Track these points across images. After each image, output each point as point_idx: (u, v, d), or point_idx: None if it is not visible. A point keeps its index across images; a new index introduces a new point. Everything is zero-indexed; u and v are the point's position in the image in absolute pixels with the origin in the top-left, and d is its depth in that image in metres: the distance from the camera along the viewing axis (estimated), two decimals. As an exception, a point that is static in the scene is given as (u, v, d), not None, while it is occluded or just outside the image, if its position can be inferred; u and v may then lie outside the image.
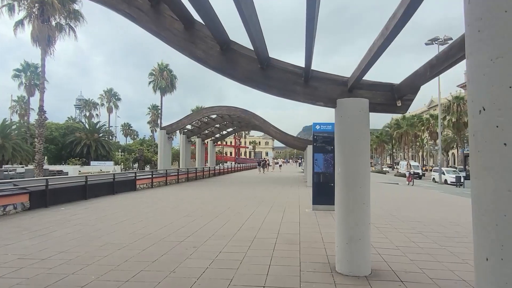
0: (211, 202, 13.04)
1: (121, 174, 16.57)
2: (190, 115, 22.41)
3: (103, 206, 11.64)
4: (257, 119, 22.11)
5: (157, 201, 13.34)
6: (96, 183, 14.13)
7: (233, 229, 7.96)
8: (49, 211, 10.38)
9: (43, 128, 26.34)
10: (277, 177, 32.58)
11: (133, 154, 73.60)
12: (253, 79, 5.25)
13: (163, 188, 19.50)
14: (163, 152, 22.13)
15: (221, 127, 30.52)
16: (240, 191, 17.55)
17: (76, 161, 54.89)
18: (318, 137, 11.10)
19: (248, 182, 24.83)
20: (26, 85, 49.67)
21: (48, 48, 26.52)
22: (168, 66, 47.70)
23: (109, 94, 69.53)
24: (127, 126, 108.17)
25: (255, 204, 12.37)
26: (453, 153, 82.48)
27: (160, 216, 9.67)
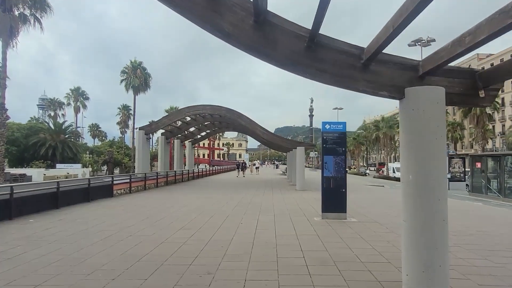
0: (203, 210, 11.69)
1: (97, 179, 14.84)
2: (170, 115, 20.81)
3: (80, 217, 10.01)
4: (243, 119, 20.90)
5: (141, 209, 11.81)
6: (69, 190, 12.40)
7: (245, 245, 6.72)
8: (15, 225, 8.68)
9: (5, 128, 23.80)
10: (259, 180, 31.45)
11: (102, 156, 70.11)
12: (297, 62, 4.08)
13: (142, 193, 17.83)
14: (142, 154, 20.40)
15: (201, 128, 29.02)
16: (231, 196, 16.24)
17: (41, 163, 51.24)
18: (328, 137, 10.06)
19: (232, 186, 23.53)
20: (-16, 81, 45.62)
21: (10, 40, 24.05)
22: (142, 64, 45.47)
23: (76, 93, 65.72)
24: (95, 127, 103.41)
25: (254, 212, 11.15)
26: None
27: (151, 230, 8.24)
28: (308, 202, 14.45)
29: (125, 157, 78.33)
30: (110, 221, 9.39)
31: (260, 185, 24.80)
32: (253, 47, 4.04)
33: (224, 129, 33.07)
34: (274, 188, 22.67)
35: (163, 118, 20.90)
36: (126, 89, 44.83)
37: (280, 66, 4.22)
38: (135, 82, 44.11)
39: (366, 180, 36.77)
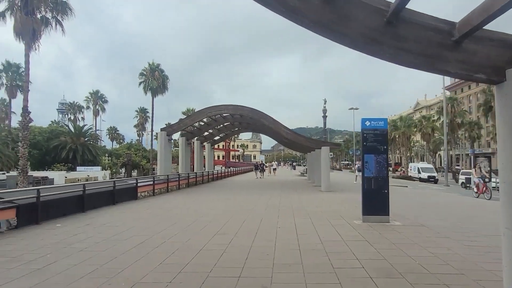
0: (233, 213, 11.13)
1: (121, 181, 14.46)
2: (192, 115, 20.38)
3: (107, 221, 9.58)
4: (266, 119, 20.29)
5: (168, 213, 11.34)
6: (94, 193, 12.04)
7: (292, 253, 6.10)
8: (42, 230, 8.29)
9: (27, 131, 23.89)
10: (279, 181, 30.79)
11: (121, 158, 70.72)
12: (375, 40, 3.46)
13: (166, 195, 17.43)
14: (164, 155, 20.03)
15: (221, 129, 28.58)
16: (257, 198, 15.65)
17: (62, 166, 51.92)
18: (368, 135, 9.35)
19: (254, 188, 22.94)
20: (7, 86, 46.53)
21: (32, 43, 24.15)
22: (159, 66, 45.46)
23: (95, 96, 66.49)
24: (113, 130, 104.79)
25: (288, 215, 10.52)
26: (439, 155, 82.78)
27: (184, 235, 7.71)
28: (340, 204, 13.75)
29: (143, 160, 79.08)
30: (139, 225, 8.91)
31: (283, 187, 24.14)
32: (322, 24, 3.43)
33: (243, 130, 32.57)
34: (298, 189, 21.98)
35: (185, 118, 20.47)
36: (144, 91, 44.91)
37: (353, 45, 3.60)
38: (153, 84, 44.10)
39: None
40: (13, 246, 6.70)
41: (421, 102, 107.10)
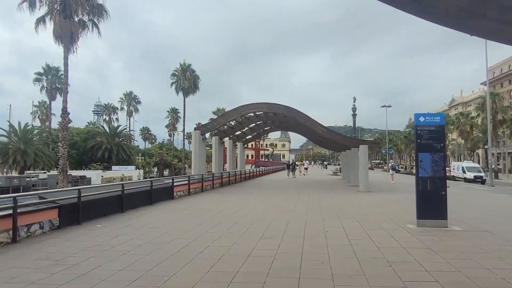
0: (273, 214, 10.66)
1: (158, 181, 14.37)
2: (226, 114, 20.09)
3: (147, 222, 9.38)
4: (301, 116, 19.66)
5: (207, 214, 11.02)
6: (133, 193, 11.94)
7: (349, 262, 5.54)
8: (83, 231, 8.18)
9: (67, 131, 24.59)
10: (312, 181, 30.04)
11: (154, 158, 72.21)
12: (474, 13, 2.84)
13: (201, 195, 17.25)
14: (198, 155, 19.88)
15: (253, 128, 28.20)
16: (295, 199, 15.10)
17: (98, 166, 53.56)
18: (423, 131, 8.57)
19: (289, 187, 22.39)
20: (47, 88, 48.56)
21: (71, 46, 24.81)
22: (191, 66, 45.80)
23: (129, 97, 68.26)
24: (146, 130, 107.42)
25: (332, 218, 9.91)
26: (477, 153, 78.63)
27: (228, 239, 7.32)
28: (384, 206, 12.97)
29: (174, 159, 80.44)
30: (180, 227, 8.62)
31: (318, 186, 23.44)
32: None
33: (275, 128, 32.05)
34: (334, 189, 21.22)
35: (219, 117, 20.22)
36: (176, 91, 45.44)
37: (444, 21, 3.01)
38: (184, 84, 44.52)
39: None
40: (56, 248, 6.56)
41: (457, 98, 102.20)
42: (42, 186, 33.43)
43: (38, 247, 6.66)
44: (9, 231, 6.99)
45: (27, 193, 7.92)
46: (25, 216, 7.41)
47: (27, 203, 7.63)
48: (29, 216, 7.57)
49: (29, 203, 7.69)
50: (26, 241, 7.14)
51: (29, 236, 7.46)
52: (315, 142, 36.38)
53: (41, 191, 7.94)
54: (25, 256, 6.04)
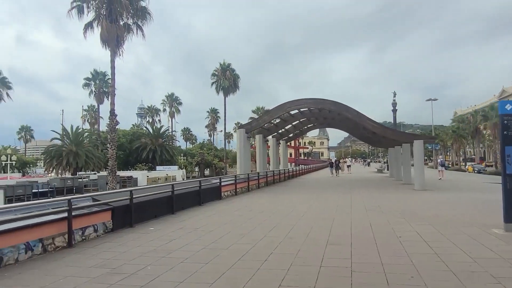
0: (332, 216, 9.84)
1: (206, 181, 14.05)
2: (271, 111, 19.47)
3: (199, 225, 8.95)
4: (350, 112, 18.56)
5: (260, 216, 10.43)
6: (182, 193, 11.63)
7: (445, 276, 4.65)
8: (137, 234, 7.88)
9: (115, 132, 25.22)
10: (358, 179, 28.64)
11: (196, 157, 73.42)
12: None
13: (248, 195, 16.76)
14: (243, 153, 19.43)
15: (296, 125, 27.33)
16: (348, 198, 14.14)
17: (143, 166, 55.19)
18: (510, 122, 7.39)
19: (337, 186, 21.33)
20: (95, 93, 50.78)
21: (117, 49, 25.41)
22: (230, 65, 45.75)
23: (170, 99, 69.90)
24: (187, 131, 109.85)
25: (398, 220, 8.92)
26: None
27: (291, 245, 6.65)
28: (452, 206, 11.76)
29: (215, 158, 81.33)
30: (235, 231, 8.09)
31: (367, 185, 22.15)
32: None
33: (319, 125, 30.97)
34: (386, 188, 19.88)
35: (263, 115, 19.62)
36: (216, 91, 45.65)
37: None
38: (224, 83, 44.57)
39: (483, 178, 30.86)
40: (111, 254, 6.24)
41: (508, 89, 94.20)
42: (92, 187, 34.77)
43: (93, 252, 6.38)
44: (65, 235, 6.80)
45: (81, 195, 7.76)
46: (79, 219, 7.21)
47: (81, 206, 7.44)
48: (84, 219, 7.37)
49: (84, 206, 7.50)
50: (81, 245, 6.91)
51: (84, 240, 7.26)
52: (361, 138, 34.75)
53: (94, 193, 7.74)
54: (80, 262, 5.75)
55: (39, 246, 6.30)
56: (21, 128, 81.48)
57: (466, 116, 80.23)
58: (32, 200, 27.66)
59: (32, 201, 7.01)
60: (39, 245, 6.30)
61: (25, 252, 6.01)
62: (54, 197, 29.53)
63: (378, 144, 31.15)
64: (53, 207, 6.95)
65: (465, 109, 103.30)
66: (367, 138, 28.74)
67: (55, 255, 6.21)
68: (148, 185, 9.94)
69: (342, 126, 29.67)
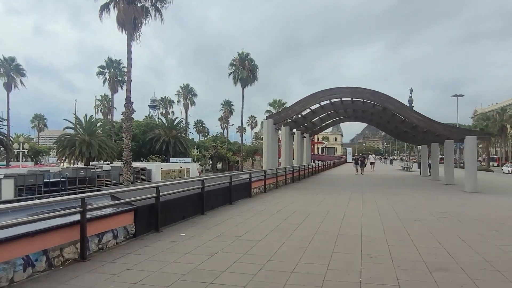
0: (384, 220, 8.06)
1: (236, 176, 12.36)
2: (302, 101, 17.63)
3: (239, 230, 7.28)
4: (391, 102, 16.62)
5: (302, 218, 8.70)
6: (212, 190, 9.96)
7: None
8: (166, 242, 6.23)
9: (131, 121, 23.69)
10: (388, 178, 26.65)
11: (210, 150, 72.01)
12: None
13: (278, 192, 15.07)
14: (271, 147, 17.66)
15: (324, 118, 25.42)
16: (393, 199, 12.32)
17: (156, 158, 53.94)
18: None
19: (368, 185, 19.47)
20: (109, 81, 49.49)
21: (134, 33, 23.81)
22: (249, 55, 43.82)
23: (185, 90, 68.35)
24: (200, 123, 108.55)
25: (489, 234, 7.10)
26: None
27: (374, 267, 4.91)
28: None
29: (228, 152, 79.76)
30: (290, 242, 6.36)
31: (403, 185, 20.23)
32: None
33: (346, 118, 28.87)
34: (430, 189, 17.91)
35: (293, 105, 17.81)
36: (234, 82, 43.80)
37: None
38: (243, 74, 42.70)
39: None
40: (137, 273, 4.60)
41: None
42: (105, 178, 33.55)
43: (112, 269, 4.76)
44: (77, 244, 5.18)
45: (97, 193, 6.10)
46: (96, 222, 5.59)
47: (98, 206, 5.81)
48: (101, 223, 5.75)
49: (101, 206, 5.86)
50: (97, 257, 5.29)
51: (100, 250, 5.64)
52: (392, 134, 32.36)
53: (113, 190, 6.10)
54: (90, 282, 4.13)
55: (43, 260, 4.69)
56: (34, 116, 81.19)
57: (490, 114, 76.87)
58: (43, 190, 26.49)
59: (36, 201, 5.37)
60: (43, 259, 4.69)
61: (23, 269, 4.41)
62: (66, 187, 28.33)
63: (412, 140, 28.82)
64: (62, 207, 5.35)
65: (485, 108, 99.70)
66: (402, 134, 26.55)
67: (64, 273, 4.60)
68: (176, 180, 8.31)
69: (372, 120, 27.69)
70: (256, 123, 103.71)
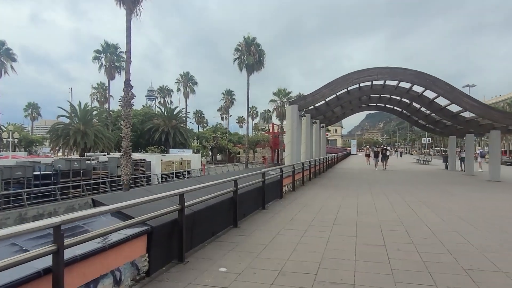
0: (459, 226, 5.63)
1: (269, 172, 9.80)
2: (333, 83, 14.98)
3: (300, 254, 4.79)
4: (439, 85, 14.12)
5: (376, 231, 6.24)
6: (244, 192, 7.44)
7: None
8: (197, 286, 3.74)
9: (130, 108, 21.01)
10: (416, 173, 24.25)
11: (211, 141, 69.45)
12: None
13: (307, 190, 12.62)
14: (295, 137, 15.11)
15: (345, 106, 22.79)
16: (446, 199, 9.89)
17: (155, 149, 51.33)
18: None
19: (401, 182, 17.07)
20: (106, 67, 46.42)
21: (133, 7, 21.01)
22: (255, 40, 40.88)
23: (185, 78, 65.26)
24: (199, 113, 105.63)
25: None
26: None
27: None
28: None
29: (229, 143, 77.11)
30: (381, 279, 3.89)
31: (445, 182, 17.82)
32: None
33: (366, 108, 26.31)
34: (476, 186, 15.50)
35: (322, 88, 15.17)
36: (239, 68, 40.91)
37: None
38: (249, 60, 39.81)
39: None
40: None
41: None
42: (102, 170, 30.97)
43: None
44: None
45: (90, 212, 3.46)
46: (82, 265, 3.07)
47: (86, 237, 3.25)
48: (92, 264, 3.23)
49: (91, 237, 3.30)
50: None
51: (92, 313, 3.13)
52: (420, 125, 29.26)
53: (119, 204, 3.56)
54: None
55: None
56: (27, 105, 77.87)
57: (499, 105, 74.71)
58: (33, 183, 23.89)
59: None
60: None
61: None
62: (59, 181, 25.64)
63: (442, 131, 26.02)
64: (31, 243, 2.84)
65: (488, 100, 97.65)
66: (432, 124, 23.74)
67: None
68: (206, 182, 5.73)
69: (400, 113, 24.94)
70: (257, 114, 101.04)
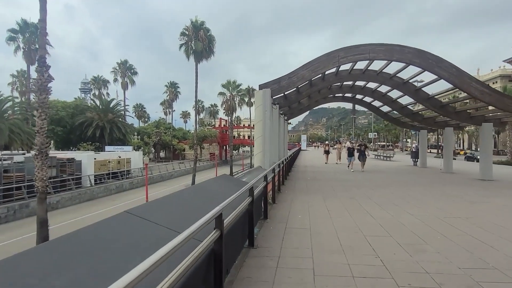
0: None
1: (255, 184, 6.43)
2: (314, 62, 11.90)
3: None
4: (444, 67, 11.82)
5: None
6: (230, 228, 3.99)
7: None
8: None
9: (46, 94, 16.13)
10: (395, 172, 22.48)
11: (153, 137, 63.79)
12: None
13: (289, 201, 9.51)
14: (269, 130, 11.68)
15: (313, 96, 19.89)
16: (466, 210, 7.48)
17: (88, 146, 45.07)
18: None
19: (398, 183, 14.82)
20: (24, 50, 39.04)
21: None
22: (204, 24, 36.85)
23: (123, 67, 58.65)
24: (140, 107, 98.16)
25: None
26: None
27: None
28: None
29: (173, 139, 71.87)
30: None
31: (432, 183, 15.93)
32: None
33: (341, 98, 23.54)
34: (485, 189, 13.63)
35: (300, 69, 12.04)
36: (186, 55, 36.54)
37: None
38: (197, 46, 35.66)
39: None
40: None
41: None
42: (16, 172, 25.15)
43: None
44: None
45: None
46: None
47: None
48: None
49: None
50: None
51: None
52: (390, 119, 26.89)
53: None
54: None
55: None
56: None
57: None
58: None
59: None
60: None
61: None
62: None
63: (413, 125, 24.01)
64: None
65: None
66: (496, 106, 20.49)
67: None
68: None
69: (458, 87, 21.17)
70: (203, 108, 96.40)
